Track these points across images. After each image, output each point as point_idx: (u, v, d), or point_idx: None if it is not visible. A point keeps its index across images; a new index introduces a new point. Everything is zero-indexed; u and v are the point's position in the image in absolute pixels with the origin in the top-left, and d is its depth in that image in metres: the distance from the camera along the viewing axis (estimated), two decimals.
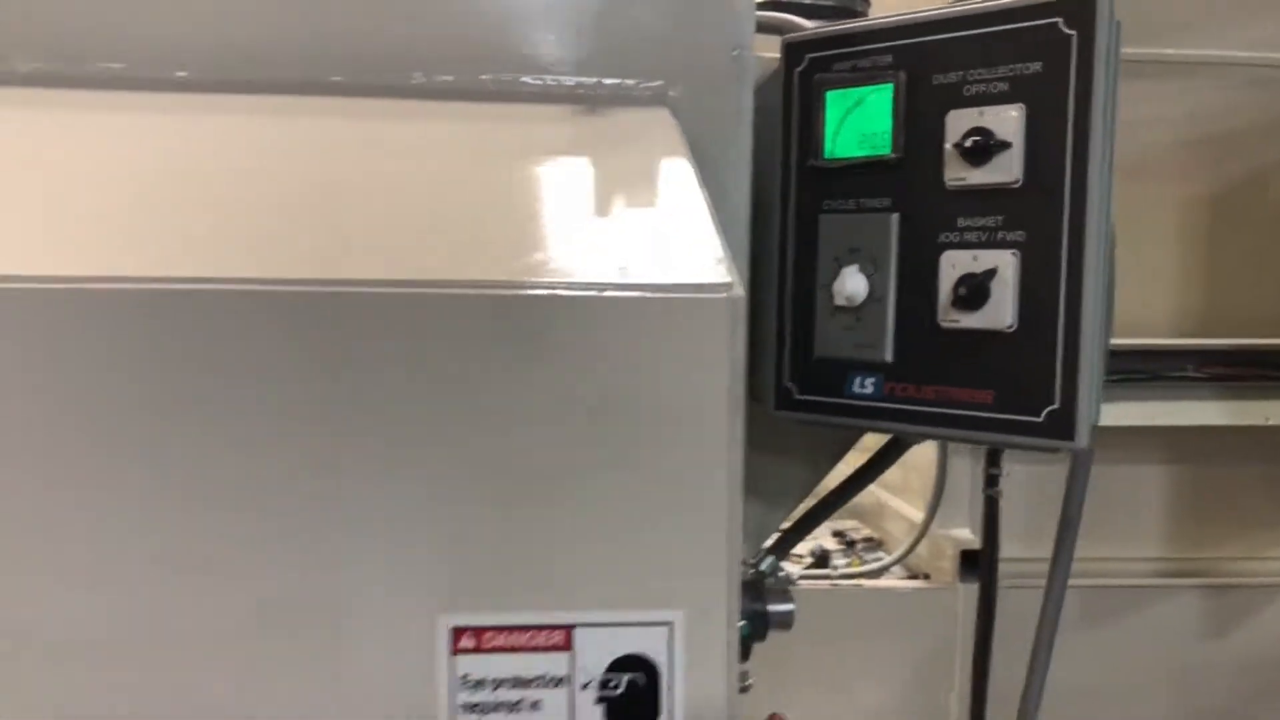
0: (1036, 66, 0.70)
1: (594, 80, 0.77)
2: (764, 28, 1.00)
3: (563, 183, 0.68)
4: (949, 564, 3.19)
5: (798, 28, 0.97)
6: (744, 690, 0.90)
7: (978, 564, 2.99)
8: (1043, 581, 3.05)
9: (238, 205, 0.62)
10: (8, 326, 0.50)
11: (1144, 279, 3.11)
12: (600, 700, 0.53)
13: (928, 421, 0.76)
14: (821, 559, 3.31)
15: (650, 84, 0.78)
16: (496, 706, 0.52)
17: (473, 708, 0.52)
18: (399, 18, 0.76)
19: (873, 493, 3.73)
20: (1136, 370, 3.13)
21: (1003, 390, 0.72)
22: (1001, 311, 0.72)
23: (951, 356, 0.74)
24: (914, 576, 3.24)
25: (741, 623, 0.90)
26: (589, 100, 0.76)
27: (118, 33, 0.73)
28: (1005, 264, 0.72)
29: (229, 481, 0.51)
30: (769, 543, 1.10)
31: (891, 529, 3.45)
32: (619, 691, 0.53)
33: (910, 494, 3.42)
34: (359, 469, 0.52)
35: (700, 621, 0.53)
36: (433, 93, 0.76)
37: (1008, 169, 0.71)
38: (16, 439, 0.50)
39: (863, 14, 1.17)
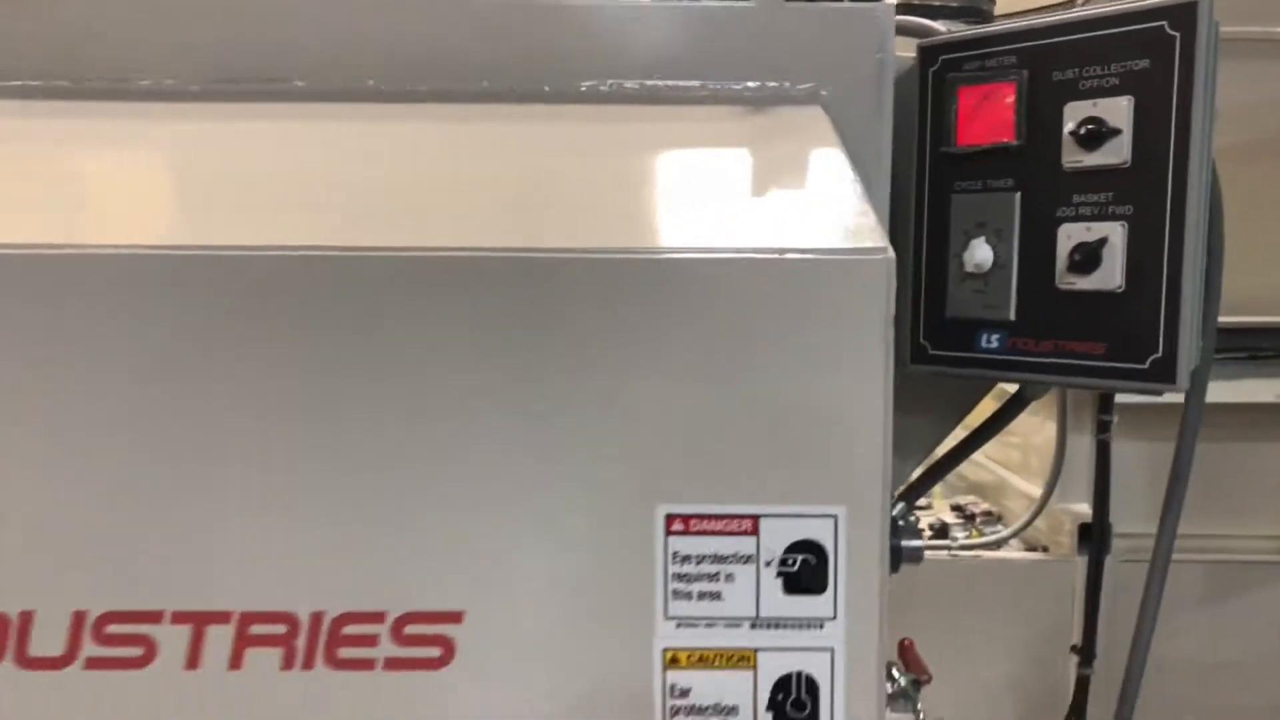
0: (1144, 63, 0.81)
1: (758, 84, 0.90)
2: (901, 31, 1.12)
3: (734, 170, 0.82)
4: (1067, 538, 3.23)
5: (932, 31, 1.09)
6: None
7: (1099, 535, 3.03)
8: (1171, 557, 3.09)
9: (454, 191, 0.78)
10: (216, 283, 0.66)
11: (1269, 258, 3.09)
12: (780, 575, 0.66)
13: (1047, 371, 0.88)
14: (941, 531, 3.39)
15: (805, 85, 0.91)
16: (699, 577, 0.66)
17: (681, 578, 0.66)
18: (582, 33, 0.91)
19: (993, 471, 3.78)
20: (1262, 348, 3.11)
21: (1112, 342, 0.83)
22: (1111, 274, 0.83)
23: (1067, 314, 0.86)
24: (1032, 549, 3.29)
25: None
26: (754, 101, 0.89)
27: (312, 52, 0.90)
28: (1115, 234, 0.83)
29: (455, 390, 0.66)
30: (900, 490, 1.22)
31: (1011, 505, 3.49)
32: (794, 569, 0.66)
33: (1030, 473, 3.46)
34: (575, 402, 0.66)
35: (859, 516, 0.67)
36: (616, 98, 0.90)
37: (1118, 152, 0.82)
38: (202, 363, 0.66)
39: (988, 11, 1.28)
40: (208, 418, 0.66)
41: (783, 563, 0.67)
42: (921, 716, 0.97)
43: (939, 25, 1.12)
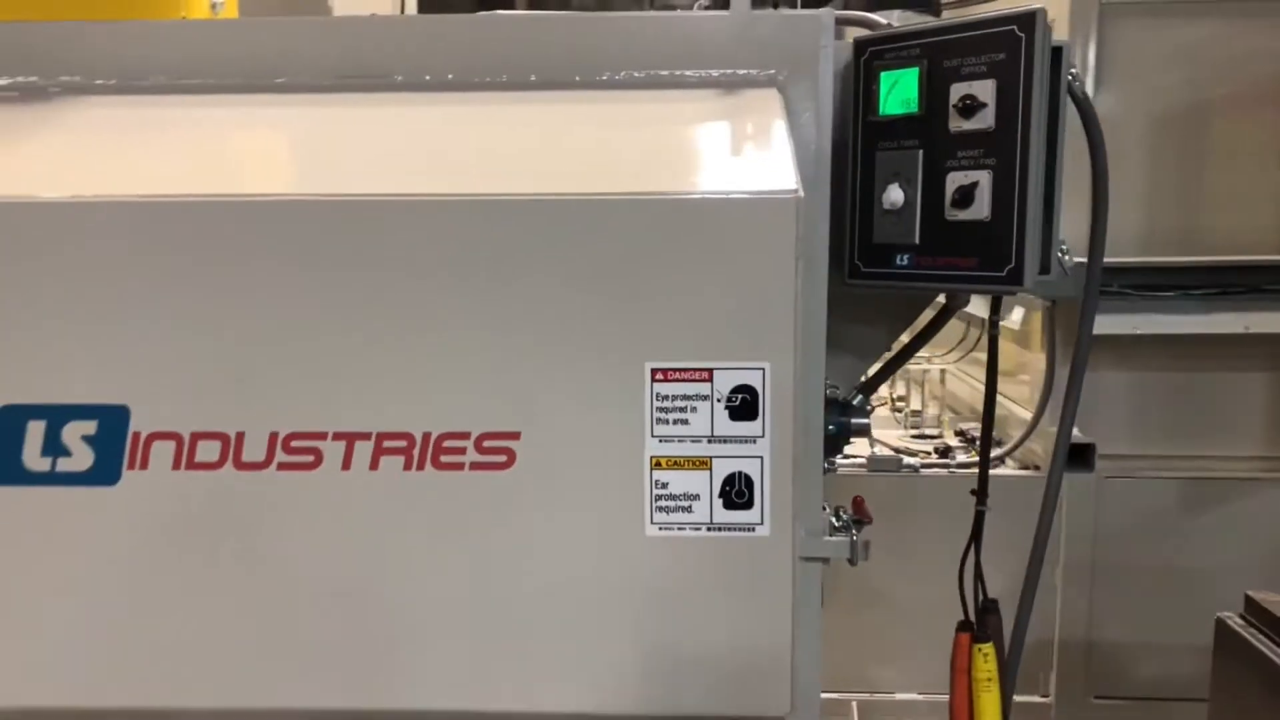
0: (1002, 55, 1.10)
1: (730, 72, 1.21)
2: (850, 23, 1.42)
3: (701, 136, 1.13)
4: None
5: (874, 24, 1.38)
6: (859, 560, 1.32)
7: (1083, 456, 3.31)
8: (1143, 475, 3.48)
9: (514, 155, 1.10)
10: (370, 229, 0.98)
11: (1248, 200, 3.31)
12: (726, 408, 0.98)
13: (940, 280, 1.18)
14: (944, 453, 3.68)
15: (766, 72, 1.21)
16: (673, 410, 0.99)
17: (661, 410, 0.99)
18: (601, 37, 1.22)
19: (1001, 404, 4.05)
20: (1234, 284, 3.34)
21: (982, 257, 1.14)
22: (982, 208, 1.13)
23: (953, 238, 1.16)
24: (1025, 468, 3.56)
25: (830, 426, 1.34)
26: (726, 85, 1.20)
27: (407, 55, 1.21)
28: (984, 179, 1.12)
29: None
30: (858, 384, 1.52)
31: (1015, 434, 3.74)
32: (737, 404, 0.98)
33: (1031, 405, 3.70)
34: (595, 299, 0.98)
35: (778, 370, 0.98)
36: (626, 85, 1.21)
37: (985, 120, 1.12)
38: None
39: (937, 3, 1.56)
40: (356, 316, 1.00)
41: (729, 400, 0.99)
42: (855, 538, 1.28)
43: (880, 18, 1.41)
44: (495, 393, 1.00)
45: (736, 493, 1.00)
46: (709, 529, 1.00)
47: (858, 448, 3.74)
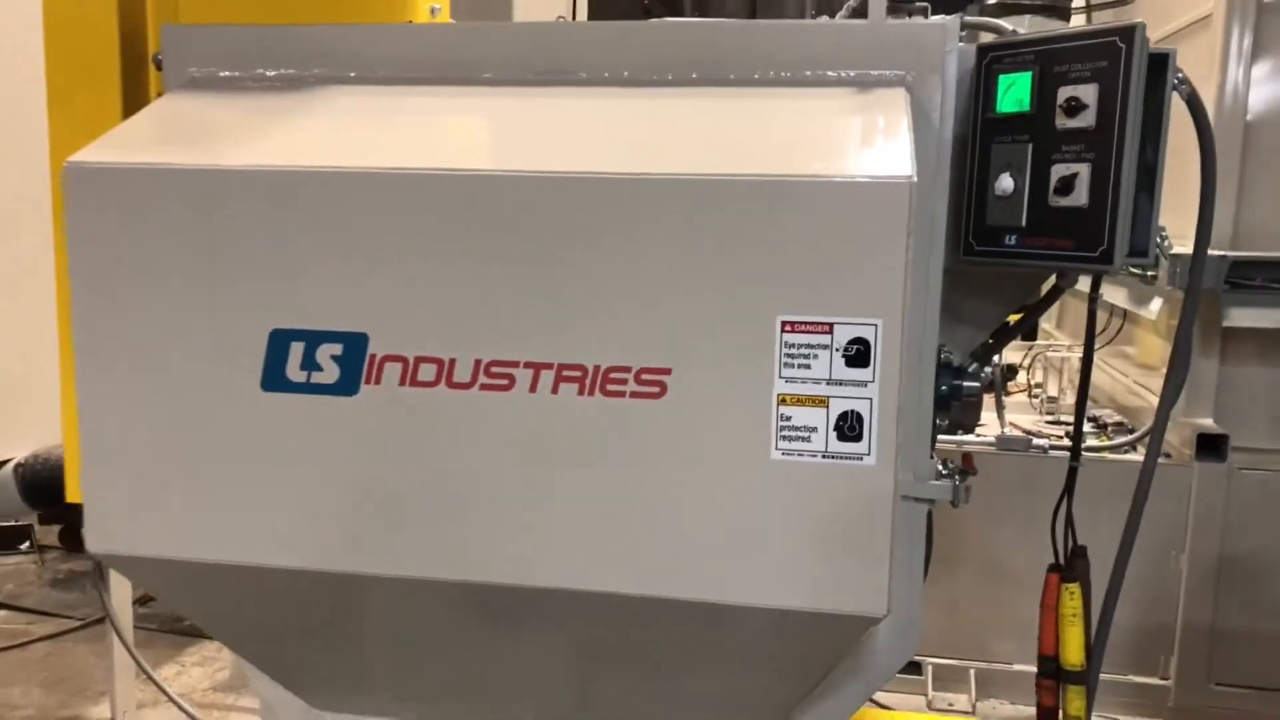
0: (1104, 63, 1.25)
1: (865, 72, 1.38)
2: (979, 28, 1.57)
3: (836, 128, 1.31)
4: (1190, 449, 3.50)
5: (998, 29, 1.54)
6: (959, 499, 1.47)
7: (1216, 446, 3.34)
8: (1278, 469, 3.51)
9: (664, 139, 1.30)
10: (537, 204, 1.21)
11: None
12: (843, 356, 1.17)
13: (1042, 259, 1.33)
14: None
15: (896, 73, 1.38)
16: (798, 355, 1.18)
17: (789, 356, 1.18)
18: (756, 42, 1.41)
19: (1136, 392, 4.06)
20: None
21: (1079, 239, 1.28)
22: (1080, 196, 1.28)
23: (1054, 222, 1.31)
24: (1159, 456, 3.56)
25: (943, 387, 1.50)
26: (860, 84, 1.37)
27: (590, 54, 1.43)
28: (1083, 171, 1.27)
29: None
30: (972, 351, 1.67)
31: (1146, 420, 3.76)
32: (852, 353, 1.17)
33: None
34: (739, 265, 1.18)
35: (889, 327, 1.16)
36: (775, 83, 1.40)
37: (1087, 119, 1.27)
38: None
39: (1065, 7, 1.69)
40: (544, 272, 1.23)
41: (845, 349, 1.18)
42: (957, 484, 1.45)
43: (1006, 24, 1.57)
44: (654, 336, 1.21)
45: (849, 427, 1.19)
46: (823, 456, 1.20)
47: (989, 427, 3.83)
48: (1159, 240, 1.39)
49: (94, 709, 3.66)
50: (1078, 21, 3.98)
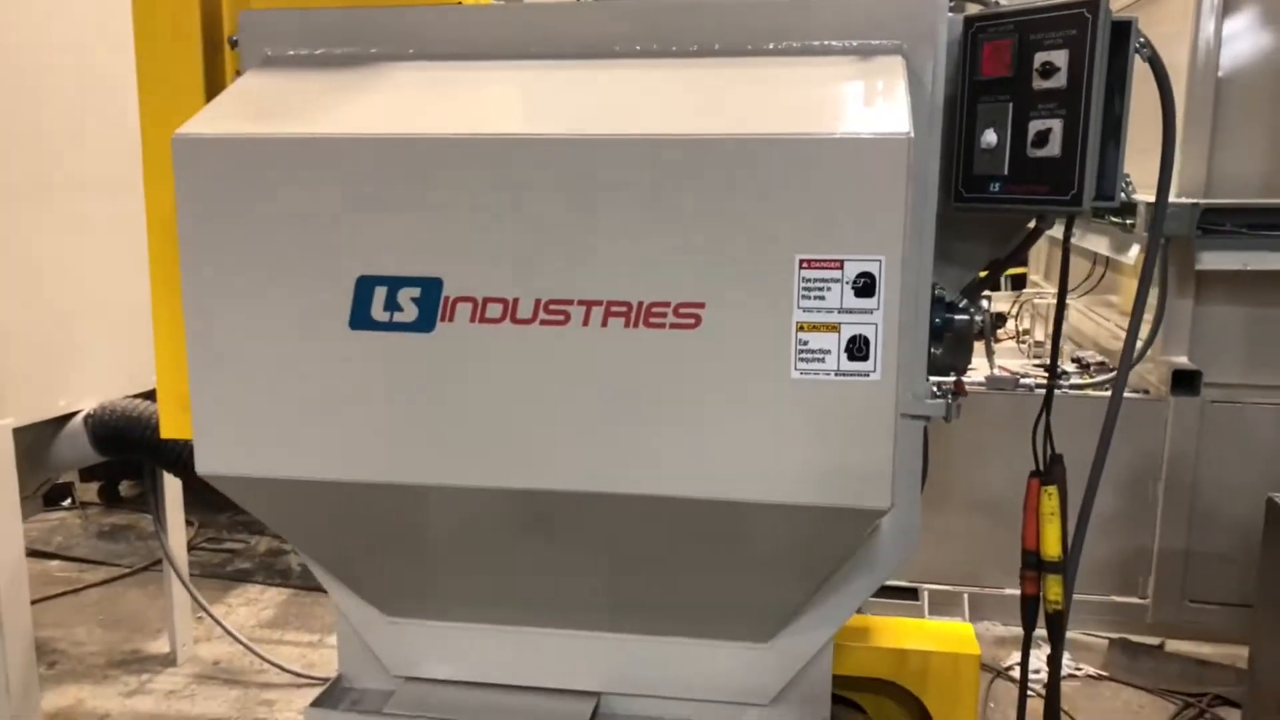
0: (1074, 31, 1.42)
1: (866, 42, 1.55)
2: (966, 0, 1.73)
3: (832, 90, 1.48)
4: (1165, 385, 3.69)
5: (984, 1, 1.70)
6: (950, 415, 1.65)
7: (1190, 382, 3.53)
8: (1253, 401, 3.77)
9: (668, 102, 1.48)
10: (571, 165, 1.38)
11: None
12: (852, 288, 1.36)
13: (1022, 203, 1.51)
14: (1060, 376, 3.92)
15: (893, 42, 1.55)
16: (814, 288, 1.36)
17: (805, 289, 1.37)
18: (770, 14, 1.58)
19: (1118, 336, 4.25)
20: None
21: (1053, 184, 1.46)
22: (1054, 148, 1.45)
23: (1032, 170, 1.49)
24: (1137, 392, 3.78)
25: (936, 320, 1.69)
26: (861, 53, 1.54)
27: (609, 32, 1.60)
28: (1056, 126, 1.45)
29: None
30: (962, 289, 1.85)
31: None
32: (860, 285, 1.36)
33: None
34: (757, 215, 1.36)
35: (890, 262, 1.35)
36: (787, 52, 1.57)
37: (1059, 80, 1.44)
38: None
39: None
40: (594, 219, 1.41)
41: (854, 282, 1.36)
42: (950, 403, 1.64)
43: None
44: (689, 274, 1.40)
45: (857, 349, 1.38)
46: (836, 374, 1.39)
47: (979, 370, 4.02)
48: (1124, 185, 1.57)
49: (152, 644, 3.89)
50: None
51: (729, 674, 1.83)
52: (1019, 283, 6.07)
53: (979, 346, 1.90)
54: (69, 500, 5.60)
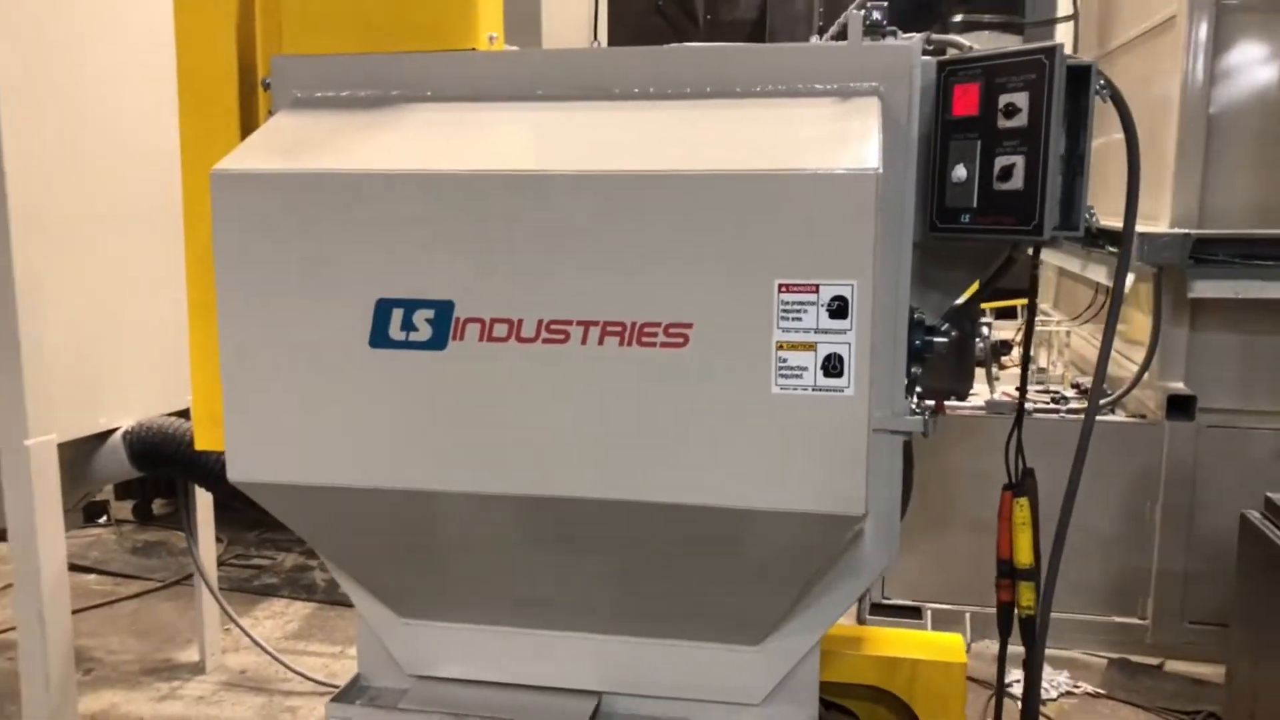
0: (1033, 75, 1.53)
1: (845, 84, 1.67)
2: (942, 44, 1.85)
3: (810, 130, 1.59)
4: (1161, 410, 3.76)
5: (959, 45, 1.82)
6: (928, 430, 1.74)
7: (1185, 406, 3.60)
8: (1248, 426, 3.85)
9: (675, 140, 1.60)
10: (594, 197, 1.50)
11: None
12: (827, 309, 1.47)
13: (989, 232, 1.61)
14: (1059, 400, 4.00)
15: (870, 84, 1.67)
16: (791, 310, 1.47)
17: (784, 311, 1.47)
18: (758, 62, 1.70)
19: (1116, 361, 4.32)
20: None
21: (1017, 216, 1.57)
22: (1018, 182, 1.56)
23: (998, 203, 1.59)
24: (1134, 416, 3.85)
25: (916, 341, 1.79)
26: (841, 94, 1.66)
27: (620, 74, 1.72)
28: (1019, 162, 1.55)
29: None
30: (944, 313, 1.95)
31: (1123, 386, 3.99)
32: (835, 307, 1.46)
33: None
34: (746, 239, 1.48)
35: (862, 287, 1.46)
36: (773, 94, 1.69)
37: (1021, 120, 1.55)
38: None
39: (1019, 24, 1.97)
40: (589, 244, 1.52)
41: (828, 305, 1.47)
42: (927, 420, 1.73)
43: (964, 40, 1.85)
44: (678, 297, 1.51)
45: (832, 366, 1.48)
46: (813, 390, 1.49)
47: (979, 394, 4.10)
48: (1088, 216, 1.67)
49: (182, 653, 4.01)
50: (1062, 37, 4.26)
51: (722, 675, 1.92)
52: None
53: (980, 372, 1.99)
54: (105, 517, 5.76)
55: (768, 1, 11.15)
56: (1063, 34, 4.45)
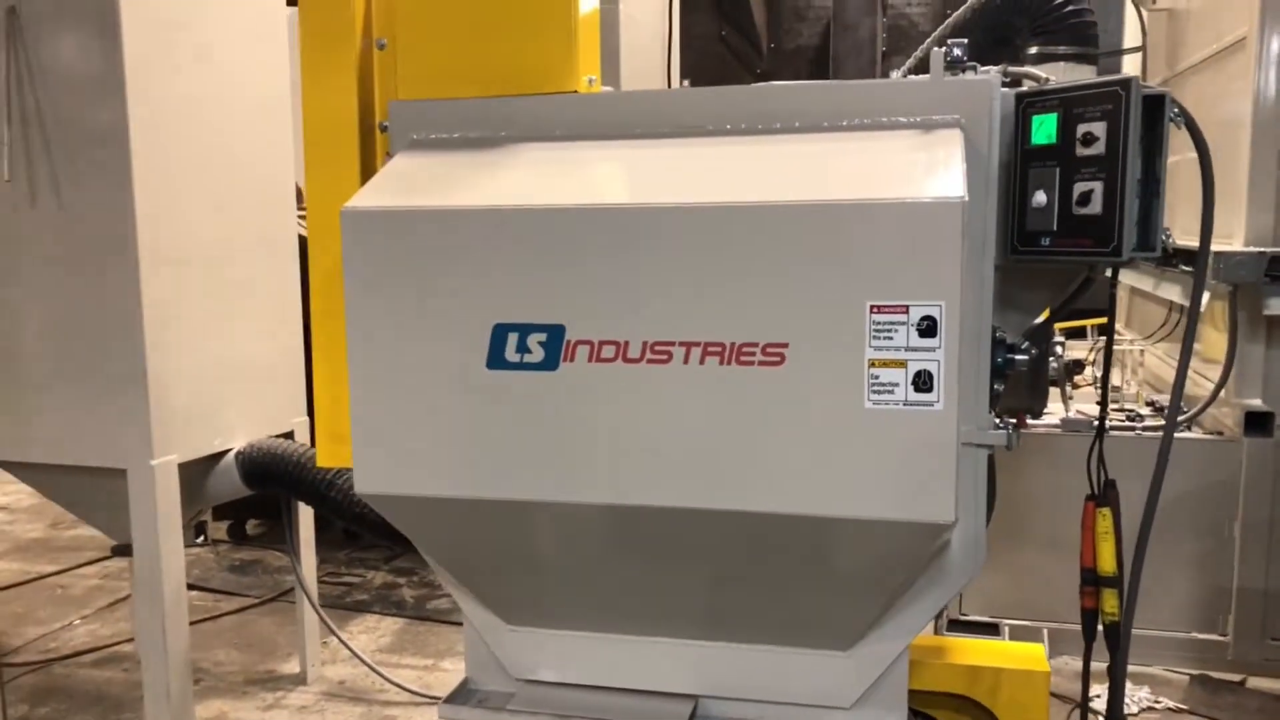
0: (1110, 106, 1.60)
1: (928, 117, 1.76)
2: (1020, 76, 1.93)
3: (898, 160, 1.68)
4: (1239, 427, 3.74)
5: (1035, 77, 1.89)
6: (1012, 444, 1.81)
7: (1263, 423, 3.59)
8: None
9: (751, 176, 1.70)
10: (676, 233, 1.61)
11: None
12: (917, 329, 1.55)
13: (1068, 255, 1.68)
14: (1134, 418, 4.00)
15: (952, 116, 1.75)
16: (883, 330, 1.56)
17: (876, 331, 1.56)
18: (847, 96, 1.79)
19: (1194, 380, 4.29)
20: None
21: (1095, 239, 1.64)
22: (1096, 206, 1.63)
23: (1077, 226, 1.66)
24: (1212, 434, 3.83)
25: (998, 359, 1.85)
26: (924, 127, 1.75)
27: (704, 113, 1.83)
28: (1098, 188, 1.62)
29: None
30: (1025, 332, 2.01)
31: (1199, 405, 3.97)
32: (924, 326, 1.55)
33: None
34: (845, 266, 1.57)
35: (950, 308, 1.54)
36: (861, 127, 1.78)
37: (1099, 148, 1.62)
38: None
39: (1094, 55, 2.04)
40: (691, 273, 1.63)
41: (918, 324, 1.55)
42: (1010, 433, 1.80)
43: (1040, 72, 1.92)
44: (774, 319, 1.60)
45: (922, 382, 1.56)
46: (905, 404, 1.57)
47: (1053, 413, 4.10)
48: (1165, 237, 1.73)
49: (283, 665, 4.18)
50: (1130, 65, 4.27)
51: (814, 679, 1.99)
52: (1103, 332, 6.10)
53: (1055, 392, 2.04)
54: (202, 538, 6.00)
55: (831, 29, 11.23)
56: (1130, 59, 4.47)
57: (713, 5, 10.92)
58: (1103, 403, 2.01)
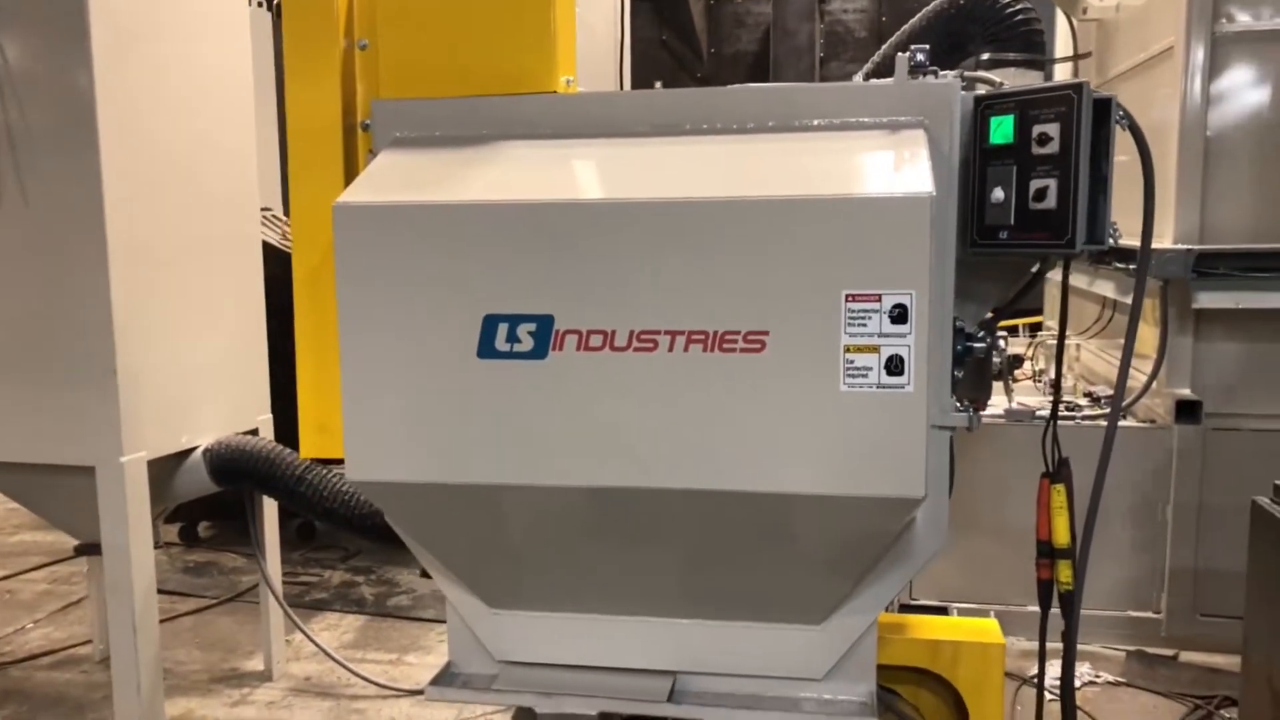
0: (1063, 108, 1.71)
1: (893, 118, 1.85)
2: (976, 80, 2.04)
3: (869, 158, 1.77)
4: (1170, 415, 3.91)
5: (990, 81, 2.00)
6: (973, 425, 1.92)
7: (1192, 411, 3.76)
8: (1251, 429, 4.04)
9: (728, 170, 1.78)
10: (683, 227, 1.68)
11: None
12: (889, 316, 1.64)
13: (1025, 247, 1.79)
14: (1073, 409, 4.16)
15: (916, 118, 1.85)
16: (858, 317, 1.64)
17: (851, 319, 1.65)
18: (816, 98, 1.88)
19: (1131, 375, 4.46)
20: None
21: (1050, 232, 1.74)
22: (1051, 201, 1.74)
23: (1034, 220, 1.77)
24: (1144, 422, 4.01)
25: (958, 346, 1.96)
26: (890, 127, 1.84)
27: (691, 113, 1.91)
28: (1052, 184, 1.73)
29: None
30: (979, 322, 2.12)
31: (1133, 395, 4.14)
32: (896, 314, 1.64)
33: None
34: (816, 258, 1.65)
35: (920, 296, 1.63)
36: (828, 128, 1.87)
37: (1053, 147, 1.73)
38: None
39: (1042, 60, 2.15)
40: (672, 263, 1.70)
41: (890, 312, 1.64)
42: (971, 416, 1.90)
43: (994, 77, 2.03)
44: (755, 308, 1.68)
45: (894, 366, 1.65)
46: (878, 387, 1.66)
47: (997, 404, 4.27)
48: (1112, 231, 1.85)
49: (247, 663, 4.16)
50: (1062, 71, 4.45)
51: (787, 653, 2.08)
52: (1035, 326, 6.32)
53: (998, 385, 2.15)
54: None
55: (770, 35, 11.39)
56: (1065, 67, 4.66)
57: (653, 10, 11.03)
58: (1056, 385, 2.13)
